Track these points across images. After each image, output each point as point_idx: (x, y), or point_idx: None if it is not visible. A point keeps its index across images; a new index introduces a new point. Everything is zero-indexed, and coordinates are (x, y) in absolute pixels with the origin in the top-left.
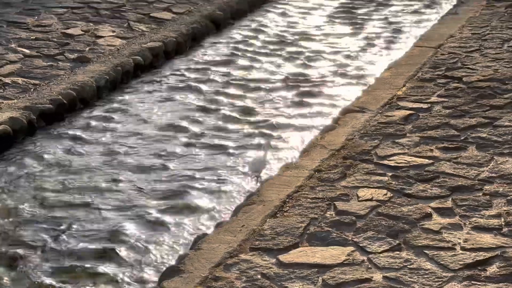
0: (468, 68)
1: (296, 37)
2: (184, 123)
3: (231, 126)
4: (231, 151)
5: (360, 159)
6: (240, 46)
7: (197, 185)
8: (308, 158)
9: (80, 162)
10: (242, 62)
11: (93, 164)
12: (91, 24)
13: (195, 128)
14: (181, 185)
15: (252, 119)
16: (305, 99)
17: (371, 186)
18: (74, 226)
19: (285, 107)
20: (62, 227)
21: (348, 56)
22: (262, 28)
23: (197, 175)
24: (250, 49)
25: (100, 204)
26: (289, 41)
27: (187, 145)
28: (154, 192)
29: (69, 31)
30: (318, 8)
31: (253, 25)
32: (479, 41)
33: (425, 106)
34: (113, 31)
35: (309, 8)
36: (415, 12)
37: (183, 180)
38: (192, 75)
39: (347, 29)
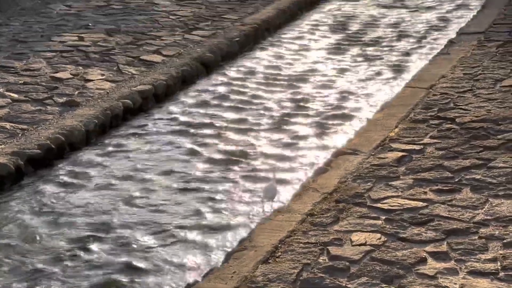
0: (461, 108)
1: (287, 78)
2: (173, 168)
3: (222, 171)
4: (221, 196)
5: (353, 202)
6: (231, 88)
7: (187, 231)
8: (300, 201)
9: (66, 208)
10: (233, 104)
11: (78, 212)
12: (80, 67)
13: (184, 173)
14: (171, 231)
15: (243, 162)
16: (297, 141)
17: (365, 230)
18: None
19: (277, 150)
20: None
21: (340, 98)
22: (253, 70)
23: (189, 219)
24: (241, 90)
25: (84, 255)
26: (279, 83)
27: (176, 190)
28: (143, 238)
29: (58, 74)
30: (309, 50)
31: (244, 68)
32: (471, 81)
33: (418, 147)
34: (103, 74)
35: (300, 50)
36: (406, 54)
37: (172, 228)
38: (182, 118)
39: (339, 70)
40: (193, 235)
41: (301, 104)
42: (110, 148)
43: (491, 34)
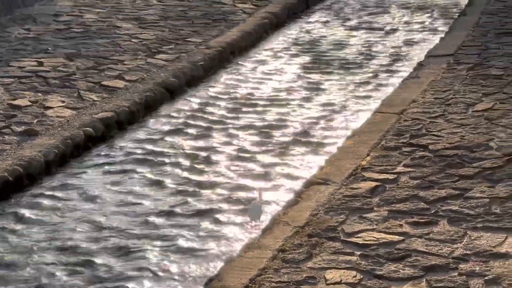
0: (434, 135)
1: (254, 103)
2: (136, 199)
3: (188, 203)
4: (187, 232)
5: (326, 236)
6: (195, 114)
7: (152, 267)
8: (271, 236)
9: (23, 243)
10: (197, 132)
11: (35, 248)
12: (40, 94)
13: (148, 205)
14: (135, 267)
15: (207, 193)
16: (266, 171)
17: (339, 267)
18: None
19: (245, 180)
20: None
21: (309, 124)
22: (219, 95)
23: (153, 258)
24: (206, 117)
25: None
26: (246, 108)
27: (139, 223)
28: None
29: (16, 102)
30: (276, 73)
31: (209, 92)
32: (443, 106)
33: (391, 177)
34: (63, 101)
35: (268, 73)
36: (375, 76)
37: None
38: (146, 146)
39: (308, 95)
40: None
41: (269, 131)
42: (70, 180)
43: (460, 57)
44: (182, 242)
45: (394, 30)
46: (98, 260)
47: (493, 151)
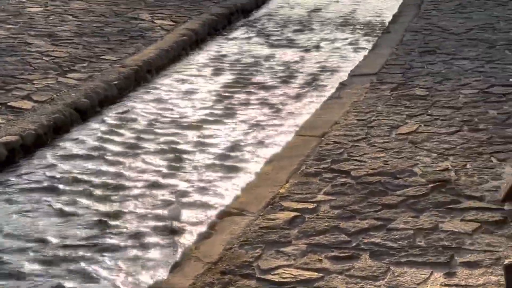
0: (356, 160)
1: (168, 126)
2: (39, 234)
3: (96, 236)
4: (94, 268)
5: (240, 273)
6: (107, 137)
7: None
8: (181, 274)
9: None
10: (108, 156)
11: None
12: None
13: (52, 239)
14: None
15: (115, 225)
16: (179, 199)
17: None
18: None
19: (155, 210)
20: None
21: (226, 148)
22: (132, 116)
23: None
24: (118, 140)
25: None
26: (161, 131)
27: (44, 261)
28: None
29: None
30: (194, 93)
31: (123, 114)
32: (365, 128)
33: (311, 206)
34: None
35: (186, 92)
36: (296, 97)
37: None
38: (52, 173)
39: (226, 116)
40: None
41: (183, 156)
42: None
43: (384, 76)
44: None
45: (317, 48)
46: None
47: (417, 177)
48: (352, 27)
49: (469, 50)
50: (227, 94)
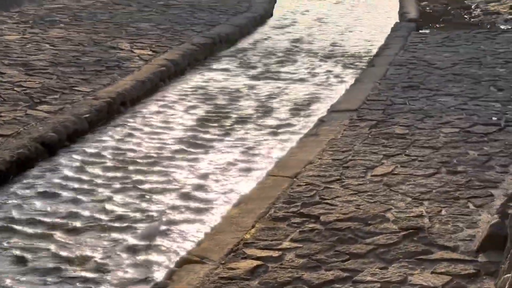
0: (327, 203)
1: (136, 163)
2: None
3: (55, 283)
4: None
5: None
6: (72, 174)
7: None
8: None
9: None
10: (71, 195)
11: None
12: None
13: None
14: None
15: (75, 270)
16: (138, 244)
17: None
18: None
19: (113, 257)
20: None
21: (193, 188)
22: (101, 152)
23: None
24: (84, 178)
25: None
26: (129, 167)
27: None
28: None
29: None
30: (169, 127)
31: (91, 149)
32: (340, 168)
33: (275, 254)
34: None
35: (159, 126)
36: (272, 133)
37: None
38: (11, 214)
39: (197, 153)
40: None
41: (147, 196)
42: None
43: (364, 112)
44: None
45: (298, 81)
46: None
47: (389, 224)
48: (336, 59)
49: (453, 85)
50: (200, 129)
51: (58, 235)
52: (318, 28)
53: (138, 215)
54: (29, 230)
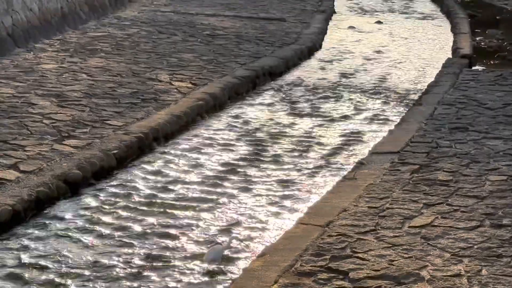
0: (358, 257)
1: (163, 205)
2: None
3: None
4: None
5: None
6: (97, 216)
7: None
8: None
9: None
10: (86, 238)
11: None
12: None
13: None
14: None
15: None
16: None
17: None
18: None
19: None
20: None
21: (219, 232)
22: (130, 191)
23: None
24: (105, 219)
25: None
26: (153, 210)
27: None
28: None
29: None
30: (204, 165)
31: (120, 188)
32: (376, 217)
33: None
34: None
35: (192, 165)
36: (311, 175)
37: None
38: (26, 258)
39: (227, 195)
40: None
41: (171, 243)
42: None
43: (406, 155)
44: None
45: (342, 118)
46: None
47: (423, 283)
48: (383, 95)
49: (504, 128)
50: (235, 169)
51: (69, 284)
52: (368, 61)
53: (157, 265)
54: (37, 277)
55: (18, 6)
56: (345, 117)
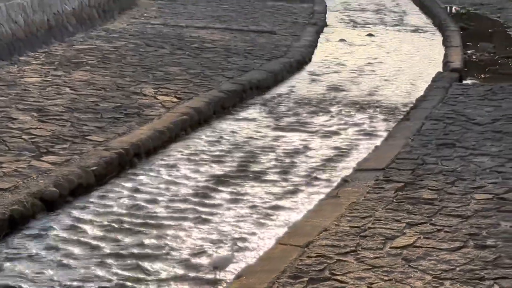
0: (337, 280)
1: (138, 225)
2: None
3: None
4: None
5: None
6: (73, 235)
7: None
8: None
9: None
10: (58, 259)
11: None
12: None
13: None
14: None
15: None
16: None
17: None
18: None
19: None
20: None
21: (195, 254)
22: (107, 210)
23: None
24: (78, 238)
25: None
26: (128, 229)
27: None
28: None
29: None
30: (182, 182)
31: (97, 206)
32: (357, 238)
33: None
34: None
35: (170, 182)
36: (292, 192)
37: None
38: None
39: (205, 213)
40: None
41: (144, 264)
42: None
43: (391, 173)
44: None
45: (329, 134)
46: None
47: None
48: (371, 110)
49: (492, 144)
50: (213, 187)
51: None
52: (358, 74)
53: (130, 285)
54: None
55: (2, 19)
56: (331, 132)
